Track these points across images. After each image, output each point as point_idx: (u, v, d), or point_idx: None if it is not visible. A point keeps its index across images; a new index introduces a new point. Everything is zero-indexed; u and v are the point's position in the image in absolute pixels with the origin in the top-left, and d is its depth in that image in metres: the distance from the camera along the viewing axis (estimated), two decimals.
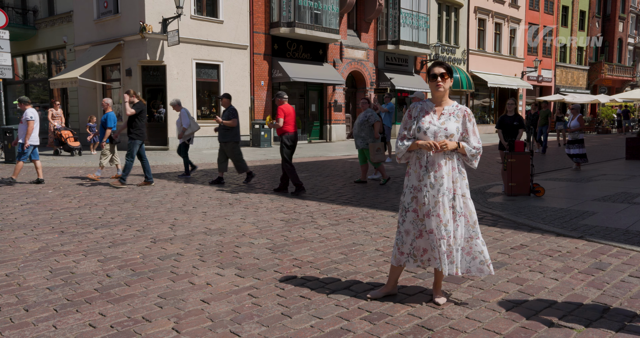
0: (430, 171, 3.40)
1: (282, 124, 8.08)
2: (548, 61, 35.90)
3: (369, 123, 9.17)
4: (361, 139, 9.25)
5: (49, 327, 3.18)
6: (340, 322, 3.24)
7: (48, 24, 20.39)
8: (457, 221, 3.39)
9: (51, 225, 6.07)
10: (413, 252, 3.50)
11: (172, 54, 16.69)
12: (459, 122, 3.43)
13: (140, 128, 8.99)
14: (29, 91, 22.46)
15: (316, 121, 21.93)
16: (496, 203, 7.36)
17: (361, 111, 9.85)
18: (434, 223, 3.37)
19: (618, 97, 32.85)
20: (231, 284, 3.95)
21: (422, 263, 3.51)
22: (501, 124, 8.71)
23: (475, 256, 3.47)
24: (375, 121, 9.18)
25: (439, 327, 3.17)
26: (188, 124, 10.11)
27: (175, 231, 5.70)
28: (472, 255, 3.48)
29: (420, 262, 3.51)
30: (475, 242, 3.46)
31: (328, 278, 4.08)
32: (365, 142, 9.22)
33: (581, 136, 11.48)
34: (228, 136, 9.26)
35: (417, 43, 24.21)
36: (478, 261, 3.48)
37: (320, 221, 6.22)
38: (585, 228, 5.76)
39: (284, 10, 19.07)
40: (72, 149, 14.88)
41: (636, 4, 44.68)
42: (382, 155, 9.22)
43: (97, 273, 4.22)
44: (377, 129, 9.16)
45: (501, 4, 31.12)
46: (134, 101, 9.02)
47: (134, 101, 9.02)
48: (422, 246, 3.47)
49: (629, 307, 3.45)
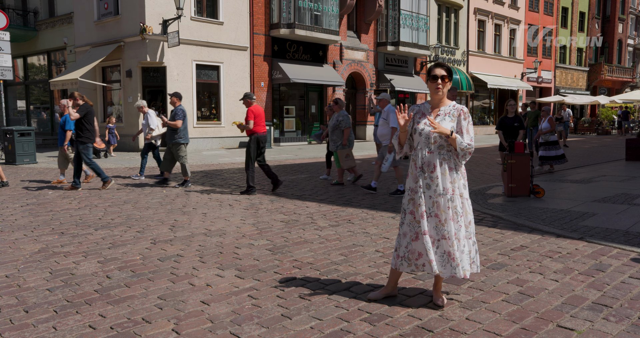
0: (425, 172, 3.41)
1: (252, 126, 8.19)
2: (548, 62, 35.92)
3: (340, 129, 9.17)
4: (333, 142, 9.32)
5: (48, 328, 3.17)
6: (341, 323, 3.24)
7: (48, 25, 20.40)
8: (459, 221, 3.38)
9: (51, 226, 6.07)
10: (407, 255, 3.47)
11: (173, 55, 16.70)
12: (454, 121, 3.43)
13: (90, 130, 8.62)
14: (30, 92, 22.47)
15: (316, 122, 21.93)
16: (496, 204, 7.36)
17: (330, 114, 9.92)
18: (432, 223, 3.37)
19: (618, 98, 32.87)
20: (231, 285, 3.94)
21: (417, 267, 3.47)
22: (501, 125, 8.72)
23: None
24: (346, 126, 9.18)
25: (439, 328, 3.17)
26: (156, 125, 9.91)
27: (175, 233, 5.69)
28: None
29: (414, 266, 3.47)
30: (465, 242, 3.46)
31: (328, 279, 4.08)
32: (336, 145, 9.27)
33: (553, 137, 11.47)
34: (174, 137, 9.04)
35: (417, 44, 24.23)
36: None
37: (320, 222, 6.22)
38: (585, 229, 5.76)
39: (284, 12, 19.09)
40: (99, 151, 14.43)
41: (636, 5, 44.72)
42: (352, 161, 9.33)
43: (97, 275, 4.22)
44: (346, 135, 9.19)
45: (501, 5, 31.15)
46: (79, 103, 8.63)
47: (79, 104, 8.63)
48: (417, 250, 3.44)
49: (629, 308, 3.45)
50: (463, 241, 3.38)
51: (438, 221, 3.35)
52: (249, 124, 8.15)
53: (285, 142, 20.28)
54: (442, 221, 3.35)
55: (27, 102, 22.54)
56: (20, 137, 12.86)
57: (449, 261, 3.36)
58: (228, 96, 18.46)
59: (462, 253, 3.37)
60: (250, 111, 8.20)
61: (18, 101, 22.92)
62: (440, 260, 3.38)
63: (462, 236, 3.39)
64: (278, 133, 20.24)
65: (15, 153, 12.81)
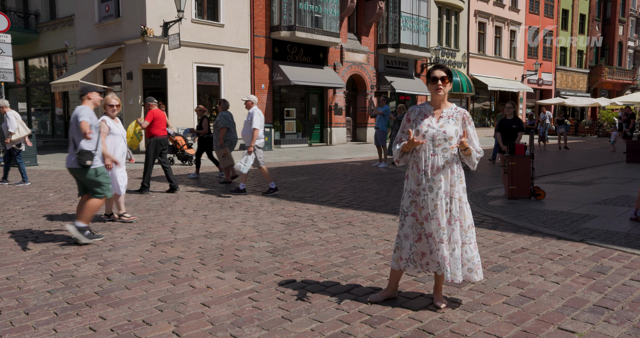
0: (428, 175, 3.40)
1: (146, 125, 8.41)
2: (548, 64, 35.94)
3: (217, 128, 9.28)
4: (214, 142, 9.55)
5: (49, 331, 3.17)
6: (341, 325, 3.24)
7: (50, 27, 20.44)
8: (452, 225, 3.38)
9: (51, 227, 6.07)
10: (412, 257, 3.48)
11: (173, 57, 16.73)
12: (457, 125, 3.43)
13: None
14: (31, 94, 22.51)
15: (317, 125, 21.96)
16: (497, 207, 7.35)
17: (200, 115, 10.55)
18: (434, 226, 3.37)
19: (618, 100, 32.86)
20: (231, 287, 3.94)
21: (422, 267, 3.50)
22: (500, 127, 8.72)
23: (464, 263, 3.42)
24: (222, 126, 9.31)
25: (439, 330, 3.16)
26: (16, 128, 9.28)
27: (175, 235, 5.69)
28: (462, 262, 3.42)
29: (420, 267, 3.50)
30: (467, 248, 3.41)
31: (328, 281, 4.07)
32: (215, 145, 9.43)
33: None
34: None
35: (418, 46, 24.25)
36: (466, 269, 3.42)
37: (320, 224, 6.22)
38: (586, 231, 5.75)
39: (285, 14, 19.12)
40: (189, 157, 13.30)
41: (636, 8, 44.75)
42: (229, 160, 9.54)
43: (98, 277, 4.21)
44: (222, 135, 9.34)
45: (501, 8, 31.18)
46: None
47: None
48: (420, 250, 3.46)
49: (630, 311, 3.44)
50: (453, 245, 3.37)
51: (438, 225, 3.35)
52: (143, 124, 8.44)
53: (286, 144, 20.29)
54: (441, 225, 3.35)
55: (28, 105, 22.57)
56: None
57: (444, 263, 3.36)
58: (228, 98, 18.42)
59: (451, 256, 3.36)
60: (151, 113, 8.47)
61: (19, 103, 22.96)
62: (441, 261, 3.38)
63: (454, 240, 3.37)
64: (278, 135, 20.25)
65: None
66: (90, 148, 5.19)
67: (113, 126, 6.23)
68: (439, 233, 3.35)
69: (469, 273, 3.43)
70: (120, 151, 6.27)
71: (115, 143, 6.23)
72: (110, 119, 6.25)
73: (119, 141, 6.27)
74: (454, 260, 3.37)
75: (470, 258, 3.42)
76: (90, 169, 5.22)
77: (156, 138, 8.45)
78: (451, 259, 3.36)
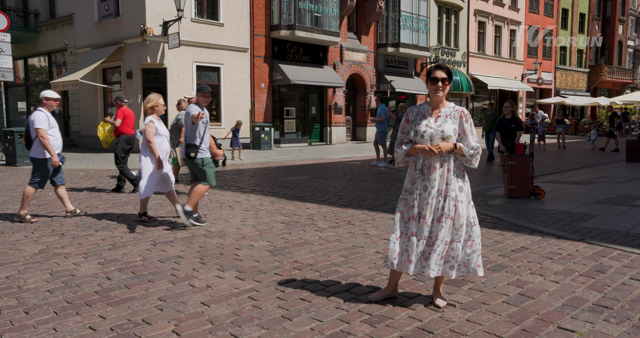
0: (424, 174, 3.40)
1: (119, 124, 8.46)
2: (548, 63, 35.94)
3: (178, 127, 8.71)
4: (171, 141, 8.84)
5: (49, 330, 3.17)
6: (341, 324, 3.24)
7: (49, 26, 20.43)
8: (441, 222, 3.36)
9: (52, 227, 6.07)
10: (387, 253, 3.49)
11: (173, 56, 16.72)
12: (455, 123, 3.43)
13: None
14: (30, 93, 22.49)
15: (316, 124, 21.95)
16: (496, 206, 7.35)
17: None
18: (420, 224, 3.37)
19: (618, 99, 32.88)
20: (231, 287, 3.94)
21: (392, 265, 3.46)
22: (499, 126, 8.71)
23: (447, 260, 3.39)
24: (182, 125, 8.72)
25: (439, 329, 3.17)
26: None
27: (175, 234, 5.69)
28: (444, 259, 3.39)
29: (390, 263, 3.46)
30: (453, 246, 3.37)
31: (328, 280, 4.07)
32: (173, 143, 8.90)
33: None
34: None
35: (417, 46, 24.24)
36: (448, 266, 3.40)
37: (320, 223, 6.22)
38: (585, 230, 5.75)
39: (285, 13, 19.11)
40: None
41: (636, 7, 44.75)
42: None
43: (97, 276, 4.21)
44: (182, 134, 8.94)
45: (501, 7, 31.18)
46: None
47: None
48: (397, 250, 3.44)
49: (630, 310, 3.44)
50: (437, 242, 3.35)
51: (424, 222, 3.36)
52: (116, 122, 8.48)
53: (286, 143, 20.29)
54: (427, 222, 3.36)
55: (27, 104, 22.54)
56: (21, 138, 12.86)
57: (420, 260, 3.38)
58: (228, 98, 18.47)
59: (433, 253, 3.35)
60: (121, 111, 8.54)
61: (19, 102, 22.94)
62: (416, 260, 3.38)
63: (440, 237, 3.34)
64: (278, 134, 20.25)
65: (16, 154, 12.82)
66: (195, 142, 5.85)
67: (159, 126, 6.31)
68: (421, 231, 3.36)
69: (450, 270, 3.39)
70: (164, 151, 6.36)
71: (163, 144, 6.33)
72: (157, 120, 6.31)
73: (163, 141, 6.36)
74: (435, 256, 3.34)
75: (455, 255, 3.38)
76: (197, 159, 5.87)
77: (125, 136, 8.56)
78: (432, 255, 3.34)
